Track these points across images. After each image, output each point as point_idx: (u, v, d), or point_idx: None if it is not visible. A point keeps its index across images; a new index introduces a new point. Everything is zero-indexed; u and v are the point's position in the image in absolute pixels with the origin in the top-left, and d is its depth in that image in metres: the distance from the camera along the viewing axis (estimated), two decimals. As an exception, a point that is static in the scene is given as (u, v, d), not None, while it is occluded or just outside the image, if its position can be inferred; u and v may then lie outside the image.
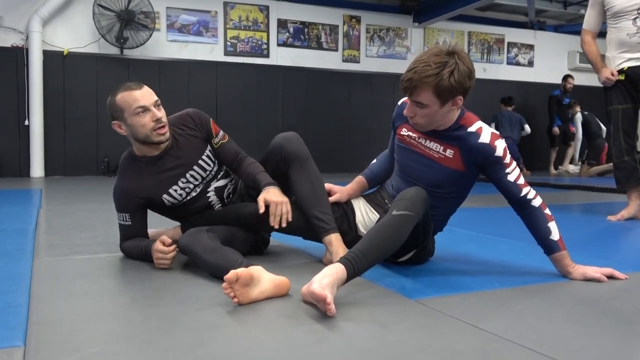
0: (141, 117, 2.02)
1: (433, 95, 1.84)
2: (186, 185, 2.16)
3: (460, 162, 1.98)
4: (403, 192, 1.85)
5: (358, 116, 8.73)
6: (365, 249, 1.67)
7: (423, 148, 2.04)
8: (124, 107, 2.02)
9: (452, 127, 1.98)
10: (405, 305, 1.62)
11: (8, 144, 7.02)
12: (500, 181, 1.97)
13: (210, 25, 7.93)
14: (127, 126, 2.05)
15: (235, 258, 1.79)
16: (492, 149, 1.92)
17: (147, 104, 2.02)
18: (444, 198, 2.06)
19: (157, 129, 2.04)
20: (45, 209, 3.85)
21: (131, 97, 2.01)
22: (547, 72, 10.16)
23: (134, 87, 2.03)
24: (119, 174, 2.17)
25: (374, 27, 8.93)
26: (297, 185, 2.13)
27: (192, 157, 2.17)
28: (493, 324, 1.45)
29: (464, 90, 1.87)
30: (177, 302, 1.63)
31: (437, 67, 1.80)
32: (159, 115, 2.03)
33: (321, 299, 1.45)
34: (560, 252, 1.96)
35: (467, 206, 2.50)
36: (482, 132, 1.94)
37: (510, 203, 2.02)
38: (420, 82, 1.82)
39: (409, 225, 1.76)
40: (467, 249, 2.51)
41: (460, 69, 1.82)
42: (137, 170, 2.13)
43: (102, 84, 7.34)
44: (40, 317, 1.47)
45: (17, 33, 6.99)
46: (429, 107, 1.88)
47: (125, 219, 2.14)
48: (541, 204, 1.99)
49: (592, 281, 1.92)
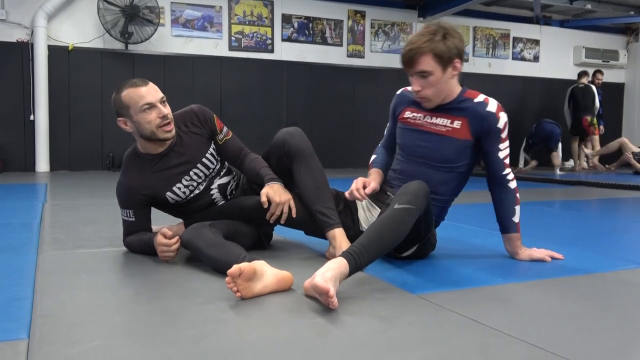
0: (147, 114, 2.01)
1: (433, 60, 1.97)
2: (190, 182, 2.17)
3: (468, 132, 2.06)
4: (405, 185, 1.86)
5: (362, 111, 8.72)
6: (368, 243, 1.68)
7: (429, 125, 2.11)
8: (130, 103, 2.01)
9: (458, 99, 2.08)
10: (407, 300, 1.63)
11: (14, 138, 7.04)
12: (490, 154, 2.08)
13: (214, 21, 7.92)
14: (132, 123, 2.05)
15: (238, 252, 1.79)
16: (496, 119, 2.04)
17: (154, 101, 2.02)
18: (453, 173, 2.11)
19: (162, 125, 2.04)
20: (50, 204, 3.87)
21: (137, 94, 2.00)
22: (552, 68, 10.11)
23: (139, 83, 2.03)
24: (122, 170, 2.18)
25: (379, 22, 8.91)
26: (301, 180, 2.13)
27: (196, 155, 2.17)
28: (495, 319, 1.45)
29: (459, 53, 2.01)
30: (180, 296, 1.64)
31: (430, 34, 1.98)
32: (165, 111, 2.04)
33: (324, 292, 1.46)
34: (516, 234, 2.13)
35: (468, 202, 2.50)
36: (489, 102, 2.07)
37: (488, 177, 2.14)
38: (419, 49, 1.97)
39: (411, 219, 1.77)
40: (469, 244, 2.51)
41: (450, 32, 2.00)
42: (140, 168, 2.14)
43: (107, 79, 7.36)
44: (45, 310, 1.49)
45: (22, 28, 7.00)
46: (433, 74, 1.99)
47: (128, 215, 2.15)
48: (515, 187, 2.13)
49: (537, 261, 2.11)
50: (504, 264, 2.11)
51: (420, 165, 2.11)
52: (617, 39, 10.65)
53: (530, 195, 4.72)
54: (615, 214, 4.09)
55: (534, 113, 9.42)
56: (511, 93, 9.55)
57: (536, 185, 6.04)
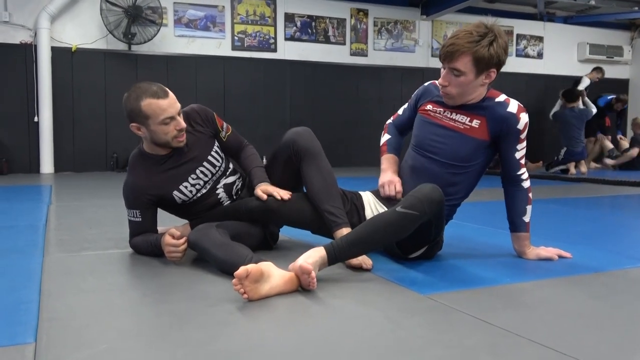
0: (166, 126, 2.02)
1: (471, 62, 1.94)
2: (196, 181, 2.17)
3: (486, 132, 2.05)
4: (419, 187, 1.86)
5: (366, 110, 8.70)
6: (354, 240, 1.78)
7: (448, 120, 2.10)
8: (150, 114, 1.99)
9: (480, 100, 2.06)
10: (416, 301, 1.62)
11: (18, 140, 7.05)
12: (507, 153, 2.08)
13: (217, 20, 7.92)
14: (148, 131, 2.05)
15: (245, 253, 1.79)
16: (517, 120, 2.02)
17: (174, 113, 2.01)
18: (464, 175, 2.10)
19: (178, 136, 2.06)
20: (55, 205, 3.87)
21: (159, 106, 1.98)
22: (556, 64, 10.08)
23: (160, 94, 1.99)
24: (129, 170, 2.17)
25: (382, 20, 8.89)
26: (309, 180, 2.13)
27: (201, 153, 2.18)
28: (504, 319, 1.44)
29: (499, 63, 1.98)
30: (187, 298, 1.63)
31: (478, 36, 1.93)
32: (183, 124, 2.05)
33: (306, 271, 1.62)
34: (525, 233, 2.13)
35: (476, 200, 2.49)
36: (509, 102, 2.05)
37: (502, 175, 2.14)
38: (462, 47, 1.92)
39: (411, 226, 1.79)
40: (477, 243, 2.50)
41: (498, 41, 1.94)
42: (147, 167, 2.13)
43: (110, 80, 7.37)
44: (51, 313, 1.48)
45: (25, 30, 7.01)
46: (465, 75, 1.96)
47: (135, 216, 2.14)
48: (529, 187, 2.13)
49: (545, 260, 2.10)
50: (511, 263, 2.10)
51: (432, 163, 2.10)
52: (621, 34, 10.61)
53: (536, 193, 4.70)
54: (623, 211, 4.08)
55: (538, 110, 9.38)
56: (515, 90, 9.50)
57: (542, 182, 6.01)
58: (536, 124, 8.21)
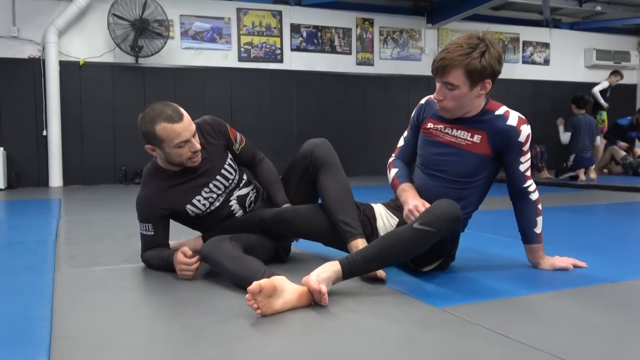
0: (181, 149, 2.02)
1: (463, 75, 1.90)
2: (209, 195, 2.16)
3: (487, 147, 2.01)
4: (437, 202, 1.84)
5: (373, 119, 8.69)
6: (369, 256, 1.76)
7: (449, 137, 2.07)
8: (165, 138, 1.99)
9: (479, 114, 2.02)
10: (431, 314, 1.60)
11: (27, 154, 7.08)
12: (511, 167, 2.05)
13: (223, 32, 7.95)
14: (163, 153, 2.05)
15: (258, 267, 1.77)
16: (517, 133, 1.99)
17: (189, 137, 2.01)
18: (471, 189, 2.07)
19: (192, 157, 2.06)
20: (65, 219, 3.87)
21: (174, 131, 1.97)
22: (563, 71, 10.04)
23: (175, 118, 1.98)
24: (142, 184, 2.17)
25: (387, 29, 8.90)
26: (326, 190, 2.12)
27: (215, 167, 2.18)
28: (522, 332, 1.41)
29: (493, 73, 1.93)
30: (199, 314, 1.61)
31: (469, 48, 1.89)
32: (197, 147, 2.04)
33: (315, 291, 1.62)
34: (538, 245, 2.10)
35: (488, 209, 2.46)
36: (509, 115, 2.01)
37: (509, 188, 2.11)
38: (453, 61, 1.89)
39: (427, 242, 1.78)
40: (491, 253, 2.47)
41: (490, 52, 1.90)
42: (161, 181, 2.13)
43: (118, 93, 7.40)
44: (64, 331, 1.47)
45: (33, 44, 7.06)
46: (459, 88, 1.92)
47: (147, 229, 2.14)
48: (537, 198, 2.09)
49: (560, 270, 2.08)
50: (526, 274, 2.07)
51: (439, 181, 2.07)
52: (627, 40, 10.58)
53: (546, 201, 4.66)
54: (636, 218, 4.03)
55: (545, 117, 9.33)
56: (522, 97, 9.48)
57: (551, 189, 5.97)
58: (543, 131, 8.17)
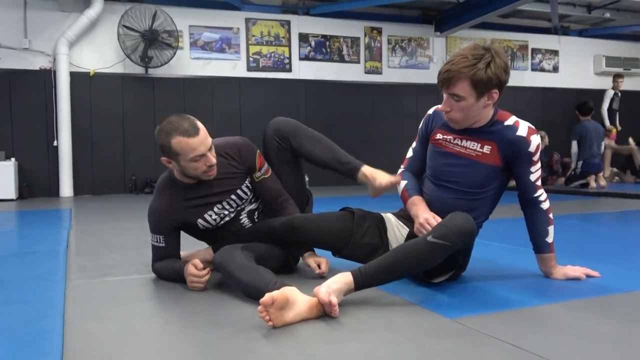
0: (196, 163, 2.02)
1: (469, 86, 1.89)
2: (221, 211, 2.18)
3: (497, 157, 2.00)
4: (451, 215, 1.83)
5: (381, 127, 8.69)
6: (381, 268, 1.75)
7: (459, 148, 2.05)
8: (180, 152, 1.99)
9: (488, 124, 2.01)
10: (442, 324, 1.59)
11: (38, 164, 7.13)
12: (522, 177, 2.04)
13: (232, 42, 7.99)
14: (179, 165, 2.05)
15: (269, 278, 1.77)
16: (527, 144, 1.97)
17: (205, 151, 2.00)
18: (482, 200, 2.06)
19: (207, 171, 2.06)
20: (75, 230, 3.89)
21: (189, 146, 1.97)
22: (572, 78, 10.00)
23: (191, 132, 1.97)
24: (156, 193, 2.18)
25: (396, 37, 8.91)
26: (309, 152, 2.23)
27: (231, 186, 2.18)
28: (535, 343, 1.40)
29: (499, 83, 1.92)
30: (211, 326, 1.61)
31: (474, 59, 1.87)
32: (213, 161, 2.04)
33: (325, 303, 1.62)
34: (550, 254, 2.09)
35: (499, 217, 2.45)
36: (519, 125, 1.99)
37: (520, 198, 2.10)
38: (458, 72, 1.87)
39: (440, 256, 1.77)
40: (501, 263, 2.46)
41: (496, 62, 1.88)
42: (174, 193, 2.14)
43: (128, 103, 7.45)
44: (75, 343, 1.47)
45: (44, 56, 7.12)
46: (465, 99, 1.91)
47: (159, 241, 2.14)
48: (548, 207, 2.08)
49: (572, 280, 2.07)
50: (538, 284, 2.06)
51: (449, 192, 2.06)
52: (637, 46, 10.51)
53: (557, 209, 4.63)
54: (647, 226, 3.99)
55: (555, 124, 9.30)
56: (531, 104, 9.45)
57: (562, 197, 5.94)
58: (552, 139, 8.13)
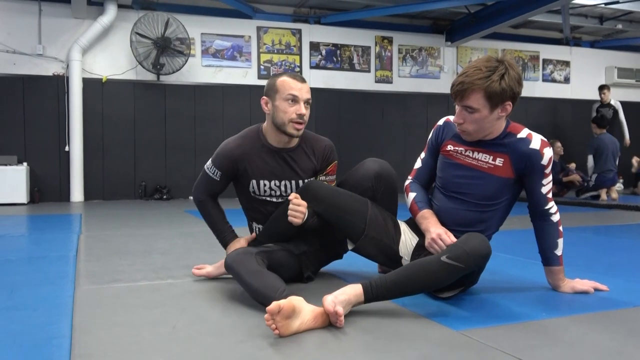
0: (288, 105, 2.15)
1: (483, 98, 1.89)
2: (275, 188, 2.27)
3: (510, 170, 2.00)
4: (467, 236, 1.82)
5: (392, 136, 8.69)
6: (392, 284, 1.75)
7: (470, 160, 2.05)
8: (279, 89, 2.17)
9: (500, 136, 2.01)
10: (449, 337, 1.58)
11: (50, 169, 7.19)
12: (533, 189, 2.03)
13: (244, 50, 8.04)
14: (273, 106, 2.20)
15: (277, 286, 1.78)
16: (540, 156, 1.97)
17: (299, 96, 2.15)
18: (493, 210, 2.06)
19: (295, 121, 2.15)
20: (85, 235, 3.91)
21: (289, 84, 2.16)
22: (584, 89, 9.96)
23: (297, 78, 2.19)
24: (238, 136, 2.30)
25: (406, 47, 8.92)
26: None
27: (297, 173, 2.27)
28: (541, 357, 1.40)
29: (513, 95, 1.92)
30: (218, 333, 1.62)
31: (488, 71, 1.88)
32: (304, 111, 2.17)
33: (330, 313, 1.63)
34: (558, 267, 2.08)
35: (507, 228, 2.44)
36: (532, 138, 1.99)
37: (530, 209, 2.09)
38: (472, 84, 1.88)
39: (453, 277, 1.78)
40: (509, 275, 2.45)
41: (510, 73, 1.89)
42: (254, 144, 2.25)
43: (139, 110, 7.50)
44: (83, 349, 1.48)
45: (58, 62, 7.20)
46: (479, 111, 1.91)
47: (214, 174, 2.28)
48: (558, 220, 2.07)
49: (581, 293, 2.06)
50: (546, 297, 2.05)
51: (460, 204, 2.05)
52: (650, 58, 10.47)
53: (567, 221, 4.61)
54: (658, 240, 3.96)
55: (565, 135, 9.26)
56: (542, 115, 9.43)
57: (572, 209, 5.90)
58: (563, 150, 8.10)
